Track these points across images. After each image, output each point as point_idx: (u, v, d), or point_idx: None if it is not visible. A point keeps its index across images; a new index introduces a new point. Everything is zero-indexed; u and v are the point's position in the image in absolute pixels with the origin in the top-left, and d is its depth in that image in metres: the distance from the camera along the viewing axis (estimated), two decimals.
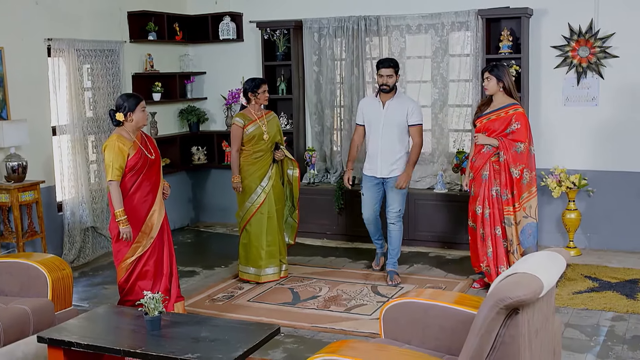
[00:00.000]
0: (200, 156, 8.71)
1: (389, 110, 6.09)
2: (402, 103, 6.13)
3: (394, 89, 6.09)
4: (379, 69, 6.04)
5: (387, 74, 6.01)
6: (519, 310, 2.80)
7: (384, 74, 6.02)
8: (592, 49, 6.89)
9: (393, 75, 6.01)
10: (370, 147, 6.22)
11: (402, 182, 6.09)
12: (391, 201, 6.22)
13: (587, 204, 7.08)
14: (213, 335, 3.84)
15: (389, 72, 6.00)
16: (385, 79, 6.02)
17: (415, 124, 6.12)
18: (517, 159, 5.59)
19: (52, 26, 6.86)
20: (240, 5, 8.40)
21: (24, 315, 4.32)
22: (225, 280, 6.51)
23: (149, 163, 5.14)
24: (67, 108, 7.01)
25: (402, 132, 6.12)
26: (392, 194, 6.19)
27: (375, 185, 6.25)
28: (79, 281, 6.54)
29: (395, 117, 6.07)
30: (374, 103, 6.21)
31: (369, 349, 3.08)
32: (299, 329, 5.24)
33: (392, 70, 6.01)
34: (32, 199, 6.41)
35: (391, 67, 6.01)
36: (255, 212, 6.21)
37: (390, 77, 6.01)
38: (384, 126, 6.10)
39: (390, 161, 6.11)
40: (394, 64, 6.04)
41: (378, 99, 6.18)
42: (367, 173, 6.28)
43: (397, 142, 6.11)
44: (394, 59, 6.12)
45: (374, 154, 6.18)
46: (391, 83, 6.02)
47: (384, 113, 6.10)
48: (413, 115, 6.10)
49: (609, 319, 5.25)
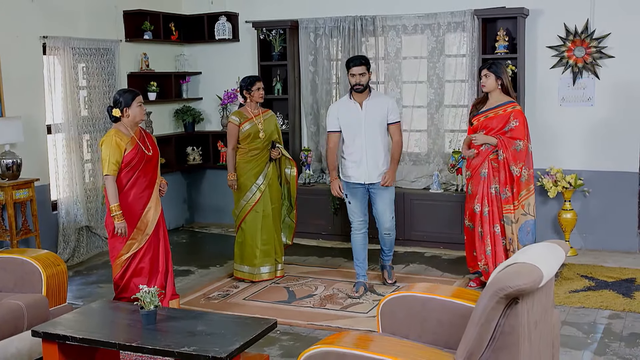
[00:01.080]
0: (196, 156, 8.68)
1: (369, 110, 5.77)
2: (381, 101, 5.85)
3: (367, 88, 5.77)
4: (350, 67, 5.70)
5: (359, 73, 5.67)
6: (519, 300, 2.79)
7: (356, 73, 5.68)
8: (587, 49, 6.90)
9: (365, 73, 5.69)
10: (353, 152, 5.82)
11: (389, 179, 5.79)
12: (382, 209, 5.90)
13: (582, 204, 7.08)
14: (209, 329, 3.82)
15: (361, 70, 5.67)
16: (358, 78, 5.68)
17: (395, 122, 5.86)
18: (517, 157, 5.58)
19: (48, 24, 6.84)
20: (236, 5, 8.39)
21: (18, 310, 4.28)
22: (221, 279, 6.48)
23: (146, 159, 5.12)
24: (62, 106, 6.98)
25: (384, 131, 5.85)
26: (383, 200, 5.88)
27: (361, 191, 5.91)
28: (74, 280, 6.49)
29: (376, 117, 5.78)
30: (349, 106, 5.82)
31: (368, 340, 3.06)
32: (294, 326, 5.21)
33: (364, 67, 5.68)
34: (27, 196, 6.37)
35: (363, 64, 5.68)
36: (250, 210, 6.18)
37: (362, 76, 5.67)
38: (366, 128, 5.77)
39: (377, 164, 5.81)
40: (365, 61, 5.71)
41: (353, 101, 5.81)
42: (351, 180, 5.87)
43: (380, 143, 5.83)
44: (364, 56, 5.80)
45: (358, 159, 5.80)
46: (364, 82, 5.69)
47: (363, 115, 5.76)
48: (393, 112, 5.85)
49: (606, 317, 5.24)
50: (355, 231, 5.96)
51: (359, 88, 5.71)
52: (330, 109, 5.96)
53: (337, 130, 5.88)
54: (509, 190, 5.64)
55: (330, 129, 5.92)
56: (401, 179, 7.72)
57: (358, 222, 5.94)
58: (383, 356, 2.84)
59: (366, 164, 5.78)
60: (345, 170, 5.91)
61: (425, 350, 3.01)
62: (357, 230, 5.95)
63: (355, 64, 5.68)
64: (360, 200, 5.92)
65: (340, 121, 5.84)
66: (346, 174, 5.91)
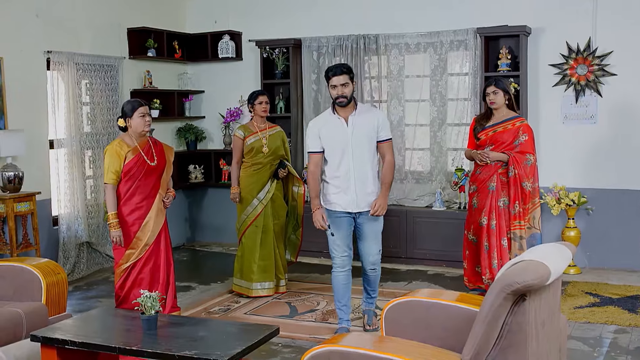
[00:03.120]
0: (198, 175, 8.67)
1: (356, 127, 4.95)
2: (369, 116, 5.01)
3: (352, 101, 4.97)
4: (330, 78, 4.90)
5: (340, 83, 4.86)
6: (526, 297, 2.75)
7: (337, 84, 4.87)
8: (590, 66, 6.92)
9: (349, 84, 4.88)
10: (338, 176, 4.99)
11: (380, 208, 4.94)
12: (369, 242, 5.09)
13: (586, 222, 7.04)
14: (211, 335, 3.77)
15: (343, 80, 4.87)
16: (340, 89, 4.87)
17: (387, 139, 5.05)
18: (528, 172, 5.57)
19: (52, 39, 6.87)
20: (239, 24, 8.44)
21: (17, 317, 4.23)
22: (222, 294, 6.42)
23: (147, 169, 5.12)
24: (65, 122, 6.98)
25: (372, 151, 5.04)
26: (370, 231, 5.06)
27: (346, 221, 5.06)
28: (73, 294, 6.43)
29: (365, 135, 4.96)
30: (333, 122, 4.99)
31: (372, 340, 3.01)
32: (296, 339, 5.14)
33: (347, 77, 4.88)
34: (28, 209, 6.34)
35: (344, 72, 4.88)
36: (250, 225, 6.15)
37: (345, 87, 4.87)
38: (354, 148, 4.94)
39: (366, 190, 4.99)
40: (347, 70, 4.91)
41: (337, 116, 4.98)
42: (335, 209, 5.04)
43: (369, 165, 5.01)
44: (346, 64, 5.01)
45: (344, 184, 4.97)
46: (348, 93, 4.87)
47: (350, 132, 4.94)
48: (384, 128, 5.04)
49: (612, 332, 5.18)
50: (338, 268, 5.11)
51: (342, 101, 4.89)
52: (310, 126, 5.13)
53: (319, 151, 5.04)
54: (518, 206, 5.60)
55: (310, 149, 5.07)
56: (404, 197, 7.70)
57: (341, 258, 5.09)
58: (387, 354, 2.79)
59: (354, 190, 4.97)
60: (329, 197, 5.07)
61: (431, 350, 2.97)
62: (340, 268, 5.10)
63: (336, 73, 4.88)
64: (345, 231, 5.07)
65: (323, 140, 5.01)
66: (329, 201, 5.06)
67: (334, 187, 5.02)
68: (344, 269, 5.10)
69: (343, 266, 5.09)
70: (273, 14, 8.26)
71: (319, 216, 5.00)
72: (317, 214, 5.01)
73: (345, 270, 5.11)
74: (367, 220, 5.04)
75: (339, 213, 5.03)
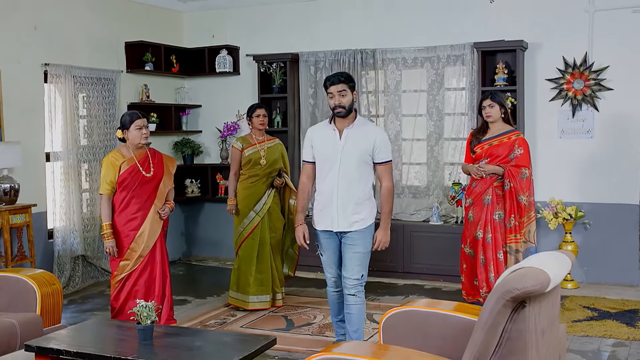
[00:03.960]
0: (194, 189, 8.65)
1: (349, 141, 4.60)
2: (367, 133, 4.64)
3: (351, 112, 4.63)
4: (327, 87, 4.62)
5: (337, 91, 4.55)
6: (526, 304, 2.72)
7: (334, 92, 4.56)
8: (586, 81, 6.94)
9: (347, 93, 4.56)
10: (323, 191, 4.68)
11: (381, 243, 4.63)
12: (349, 264, 4.63)
13: (583, 237, 7.02)
14: (207, 345, 3.73)
15: (341, 88, 4.55)
16: (338, 99, 4.55)
17: (384, 162, 4.66)
18: (523, 186, 5.56)
19: (50, 52, 6.87)
20: (237, 38, 8.47)
21: (11, 327, 4.18)
22: (218, 308, 6.38)
23: (142, 180, 5.11)
24: (62, 135, 6.96)
25: (365, 170, 4.64)
26: (351, 254, 4.63)
27: (334, 242, 4.72)
28: (68, 308, 6.39)
29: (357, 151, 4.59)
30: (327, 132, 4.69)
31: (369, 348, 2.98)
32: (293, 352, 5.10)
33: (345, 85, 4.57)
34: (23, 222, 6.31)
35: (342, 81, 4.57)
36: (246, 237, 6.13)
37: (343, 96, 4.55)
38: (342, 163, 4.58)
39: (350, 210, 4.59)
40: (346, 78, 4.60)
41: (333, 126, 4.67)
42: (318, 227, 4.73)
43: (357, 185, 4.61)
44: (345, 72, 4.72)
45: (328, 201, 4.64)
46: (346, 103, 4.55)
47: (341, 145, 4.60)
48: (382, 149, 4.64)
49: (610, 345, 5.15)
50: (331, 289, 4.88)
51: (340, 112, 4.57)
52: (307, 133, 4.88)
53: (311, 161, 4.77)
54: (514, 219, 5.58)
55: (304, 158, 4.84)
56: (401, 211, 7.69)
57: (332, 279, 4.83)
58: None
59: (336, 208, 4.60)
60: (315, 215, 4.77)
61: (429, 357, 2.93)
62: (332, 288, 4.86)
63: (333, 82, 4.58)
64: (334, 252, 4.74)
65: (315, 150, 4.73)
66: (314, 218, 4.79)
67: (319, 203, 4.71)
68: (338, 289, 4.83)
69: (336, 287, 4.82)
70: (270, 29, 8.28)
71: (299, 233, 4.75)
72: (298, 230, 4.77)
73: (338, 291, 4.83)
74: (347, 243, 4.66)
75: (323, 232, 4.70)
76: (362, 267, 4.64)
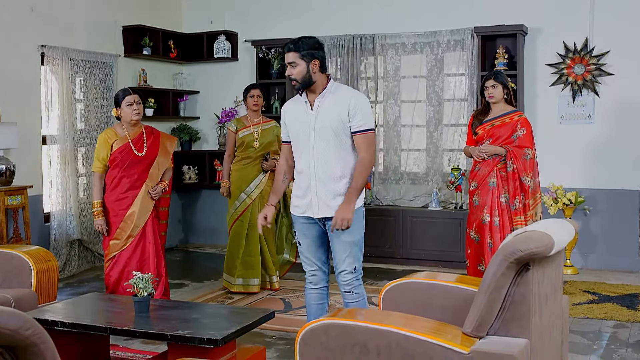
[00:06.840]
0: (192, 175, 8.59)
1: (321, 112, 3.90)
2: (340, 97, 3.91)
3: (310, 85, 3.88)
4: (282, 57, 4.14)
5: (288, 62, 3.87)
6: (529, 267, 2.68)
7: (285, 63, 3.92)
8: (587, 66, 6.90)
9: (299, 63, 3.83)
10: (299, 171, 4.04)
11: (338, 221, 3.82)
12: (338, 256, 3.98)
13: (583, 223, 6.98)
14: (204, 317, 3.69)
15: (291, 59, 3.84)
16: (289, 70, 3.87)
17: (362, 130, 3.88)
18: (527, 166, 5.46)
19: (47, 34, 6.81)
20: (235, 24, 8.41)
21: (6, 302, 4.12)
22: (214, 291, 6.33)
23: (133, 159, 5.03)
24: (59, 118, 6.90)
25: (344, 143, 3.93)
26: (338, 244, 3.95)
27: (315, 229, 4.05)
28: (64, 291, 6.33)
29: (331, 121, 3.88)
30: (299, 106, 4.01)
31: (371, 313, 2.93)
32: (291, 332, 5.05)
33: (296, 55, 3.83)
34: (19, 203, 6.25)
35: (291, 50, 3.85)
36: (237, 220, 6.08)
37: (294, 67, 3.84)
38: (316, 139, 3.91)
39: (330, 192, 3.92)
40: (297, 46, 3.85)
41: (304, 98, 3.97)
42: (296, 212, 4.08)
43: (336, 162, 3.92)
44: (301, 38, 3.90)
45: (304, 184, 3.99)
46: (297, 75, 3.84)
47: (313, 118, 3.91)
48: (358, 114, 3.86)
49: (611, 327, 5.11)
50: (309, 285, 4.14)
51: (294, 85, 3.92)
52: (282, 110, 4.19)
53: (287, 141, 4.15)
54: (519, 201, 5.50)
55: (282, 137, 4.24)
56: (399, 197, 7.64)
57: (311, 273, 4.12)
58: (385, 326, 2.71)
59: (315, 192, 3.94)
60: (292, 199, 4.14)
61: (432, 322, 2.89)
62: (311, 285, 4.13)
63: (285, 50, 3.92)
64: (314, 241, 4.07)
65: (288, 127, 4.09)
66: (292, 202, 4.14)
67: (296, 186, 4.08)
68: (317, 287, 4.11)
69: (315, 283, 4.11)
70: (269, 14, 8.23)
71: (262, 212, 4.14)
72: (263, 210, 4.16)
73: (318, 288, 4.12)
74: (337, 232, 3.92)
75: (301, 218, 4.05)
76: (354, 259, 3.97)
